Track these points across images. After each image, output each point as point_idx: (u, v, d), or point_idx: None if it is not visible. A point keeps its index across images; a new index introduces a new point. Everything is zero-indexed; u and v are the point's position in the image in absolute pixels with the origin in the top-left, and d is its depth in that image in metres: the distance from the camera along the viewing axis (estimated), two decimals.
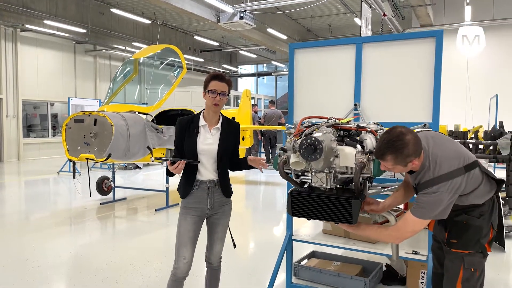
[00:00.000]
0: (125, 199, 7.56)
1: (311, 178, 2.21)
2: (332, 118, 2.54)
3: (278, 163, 2.27)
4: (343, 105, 3.22)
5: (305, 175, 2.28)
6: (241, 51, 21.91)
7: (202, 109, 2.70)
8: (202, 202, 2.63)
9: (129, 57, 7.64)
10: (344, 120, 2.58)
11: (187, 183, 2.63)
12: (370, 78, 3.13)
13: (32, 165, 12.80)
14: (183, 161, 2.49)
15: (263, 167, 2.68)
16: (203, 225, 2.73)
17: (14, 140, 13.77)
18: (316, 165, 2.12)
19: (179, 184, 2.71)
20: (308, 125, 2.44)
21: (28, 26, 13.26)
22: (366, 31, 9.18)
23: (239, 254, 4.58)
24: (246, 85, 24.69)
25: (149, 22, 16.05)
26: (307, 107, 3.34)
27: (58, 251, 4.64)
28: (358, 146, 2.19)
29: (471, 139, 5.77)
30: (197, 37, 19.15)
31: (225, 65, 23.66)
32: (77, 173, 7.50)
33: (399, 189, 2.56)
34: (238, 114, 10.17)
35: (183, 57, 6.36)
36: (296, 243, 3.44)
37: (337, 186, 2.19)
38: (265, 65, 25.77)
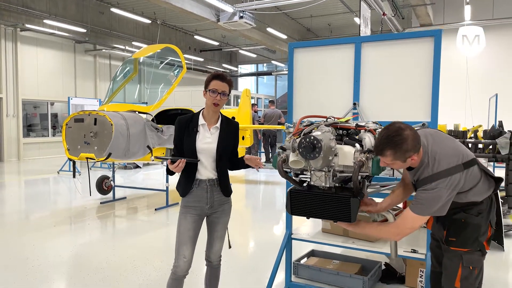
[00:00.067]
0: (125, 198, 7.57)
1: (310, 176, 2.21)
2: (331, 117, 2.56)
3: (277, 162, 2.28)
4: (342, 104, 3.22)
5: (304, 174, 2.28)
6: (241, 51, 21.91)
7: (201, 108, 2.71)
8: (201, 201, 2.65)
9: (129, 56, 7.65)
10: (343, 119, 2.59)
11: (187, 182, 2.65)
12: (369, 77, 3.14)
13: (32, 164, 12.80)
14: (184, 159, 2.51)
15: (259, 167, 2.70)
16: (203, 223, 2.75)
17: (14, 139, 13.77)
18: (315, 164, 2.13)
19: (178, 182, 2.72)
20: (307, 124, 2.45)
21: (28, 25, 13.26)
22: (365, 30, 9.19)
23: (238, 252, 4.59)
24: (246, 84, 24.71)
25: (149, 21, 16.06)
26: (307, 106, 3.35)
27: (58, 250, 4.65)
28: (357, 145, 2.20)
29: (471, 138, 5.78)
30: (197, 37, 19.15)
31: (225, 65, 23.66)
32: (77, 173, 7.50)
33: (398, 187, 2.57)
34: (238, 113, 10.16)
35: (183, 56, 6.37)
36: (295, 242, 3.44)
37: (336, 184, 2.20)
38: (265, 65, 25.76)
